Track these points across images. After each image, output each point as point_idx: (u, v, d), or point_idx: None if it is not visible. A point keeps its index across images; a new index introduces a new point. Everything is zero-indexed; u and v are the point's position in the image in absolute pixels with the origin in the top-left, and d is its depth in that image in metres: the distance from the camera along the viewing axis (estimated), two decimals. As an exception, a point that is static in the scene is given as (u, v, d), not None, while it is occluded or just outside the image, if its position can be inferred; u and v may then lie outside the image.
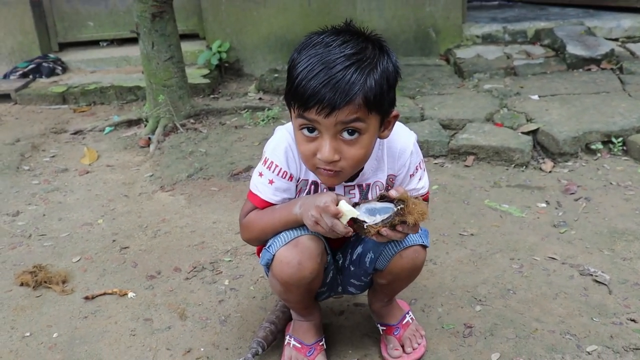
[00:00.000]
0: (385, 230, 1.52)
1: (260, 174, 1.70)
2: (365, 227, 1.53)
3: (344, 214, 1.51)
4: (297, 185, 1.72)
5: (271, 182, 1.68)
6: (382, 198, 1.56)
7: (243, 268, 2.46)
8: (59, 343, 2.07)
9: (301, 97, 1.44)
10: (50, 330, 2.14)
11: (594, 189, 3.06)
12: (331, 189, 1.70)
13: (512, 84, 4.56)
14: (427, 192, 1.84)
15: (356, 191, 1.73)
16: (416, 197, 1.57)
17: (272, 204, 1.70)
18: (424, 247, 1.77)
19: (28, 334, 2.12)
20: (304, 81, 1.43)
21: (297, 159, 1.67)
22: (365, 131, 1.49)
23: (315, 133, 1.49)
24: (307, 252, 1.64)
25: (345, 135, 1.48)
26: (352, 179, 1.70)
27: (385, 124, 1.57)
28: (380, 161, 1.72)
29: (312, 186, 1.71)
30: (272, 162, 1.68)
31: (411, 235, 1.69)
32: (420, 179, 1.79)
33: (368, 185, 1.73)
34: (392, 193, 1.53)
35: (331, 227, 1.50)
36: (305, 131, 1.51)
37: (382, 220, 1.53)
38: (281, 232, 1.67)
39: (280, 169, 1.67)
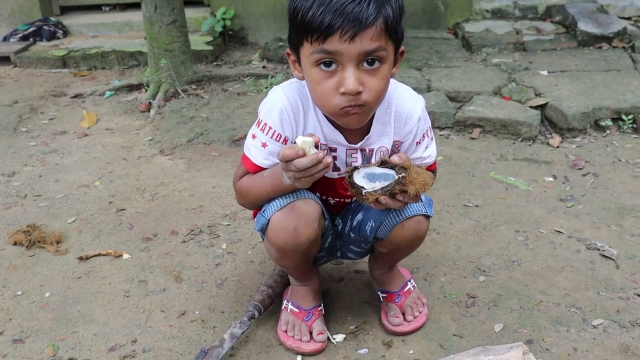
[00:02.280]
0: (384, 199, 1.45)
1: (254, 136, 1.62)
2: (363, 193, 1.46)
3: (305, 150, 1.38)
4: None
5: (264, 145, 1.60)
6: (383, 164, 1.48)
7: (241, 232, 2.41)
8: (51, 302, 2.02)
9: (320, 25, 1.35)
10: (42, 290, 2.09)
11: (602, 165, 2.99)
12: (332, 150, 1.63)
13: (521, 59, 4.46)
14: (434, 163, 1.77)
15: (358, 155, 1.65)
16: (419, 166, 1.48)
17: (263, 169, 1.62)
18: (427, 217, 1.70)
19: (20, 292, 2.08)
20: (322, 7, 1.35)
21: (294, 119, 1.59)
22: (385, 60, 1.43)
23: (334, 67, 1.41)
24: (304, 216, 1.58)
25: (366, 65, 1.40)
26: (356, 141, 1.63)
27: (396, 60, 1.51)
28: (386, 125, 1.64)
29: None
30: (265, 124, 1.59)
31: (414, 204, 1.62)
32: (427, 147, 1.71)
33: (372, 151, 1.66)
34: (394, 159, 1.46)
35: (302, 169, 1.39)
36: (322, 66, 1.41)
37: (382, 188, 1.45)
38: (275, 198, 1.61)
39: (274, 131, 1.59)
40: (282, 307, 1.88)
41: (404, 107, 1.64)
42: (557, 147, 3.20)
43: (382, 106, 1.61)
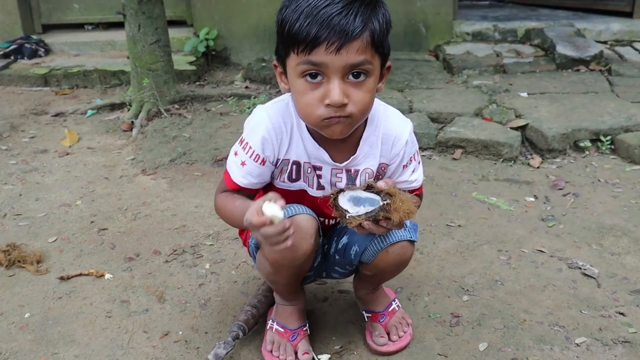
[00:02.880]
0: (367, 224, 1.45)
1: (236, 153, 1.63)
2: (347, 217, 1.46)
3: (272, 218, 1.35)
4: (277, 166, 1.64)
5: (243, 163, 1.60)
6: (369, 188, 1.48)
7: (224, 252, 2.40)
8: (31, 323, 1.99)
9: (307, 36, 1.36)
10: (22, 310, 2.06)
11: (582, 185, 3.03)
12: (317, 169, 1.63)
13: (501, 81, 4.53)
14: (421, 187, 1.77)
15: (343, 175, 1.65)
16: (405, 194, 1.47)
17: (240, 187, 1.63)
18: (412, 242, 1.70)
19: (-1, 313, 2.05)
20: (309, 19, 1.36)
21: (276, 141, 1.59)
22: (371, 73, 1.43)
23: (319, 79, 1.42)
24: (302, 232, 1.56)
25: (352, 78, 1.41)
26: (341, 160, 1.63)
27: (382, 75, 1.52)
28: (373, 147, 1.64)
29: (294, 166, 1.63)
30: (247, 143, 1.60)
31: (398, 229, 1.62)
32: (413, 171, 1.71)
33: (357, 171, 1.65)
34: (380, 185, 1.45)
35: (267, 237, 1.38)
36: (308, 78, 1.42)
37: (366, 213, 1.45)
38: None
39: (254, 151, 1.59)
40: (267, 327, 1.87)
41: (392, 129, 1.64)
42: (538, 167, 3.24)
43: (370, 127, 1.62)
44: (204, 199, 2.85)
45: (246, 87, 4.73)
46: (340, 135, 1.51)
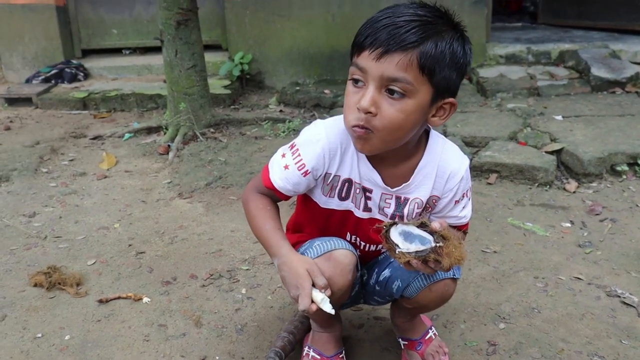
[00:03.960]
0: (415, 263, 1.43)
1: (283, 155, 1.63)
2: (397, 251, 1.44)
3: (320, 305, 1.47)
4: (326, 182, 1.64)
5: (286, 167, 1.61)
6: (423, 225, 1.46)
7: (261, 277, 2.42)
8: (71, 346, 2.03)
9: (359, 38, 1.41)
10: (62, 332, 2.10)
11: (620, 210, 2.99)
12: (367, 191, 1.63)
13: (535, 104, 4.51)
14: (467, 223, 1.75)
15: (392, 201, 1.64)
16: (452, 226, 1.46)
17: (274, 188, 1.64)
18: (455, 279, 1.69)
19: (40, 335, 2.08)
20: (368, 25, 1.41)
21: (328, 158, 1.58)
22: (411, 95, 1.40)
23: (360, 84, 1.43)
24: (340, 267, 1.57)
25: (386, 93, 1.40)
26: (393, 185, 1.61)
27: (438, 108, 1.47)
28: (427, 177, 1.61)
29: (346, 184, 1.63)
30: (297, 150, 1.60)
31: None
32: (464, 208, 1.70)
33: (407, 200, 1.63)
34: (435, 225, 1.44)
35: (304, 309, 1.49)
36: (353, 81, 1.45)
37: (416, 252, 1.43)
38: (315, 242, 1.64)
39: (301, 160, 1.59)
40: (303, 354, 1.87)
41: (449, 164, 1.62)
42: (574, 192, 3.21)
43: (427, 157, 1.60)
44: (239, 224, 2.88)
45: (280, 111, 4.78)
46: (363, 152, 1.52)
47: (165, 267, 2.52)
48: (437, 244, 1.42)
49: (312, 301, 1.47)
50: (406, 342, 1.89)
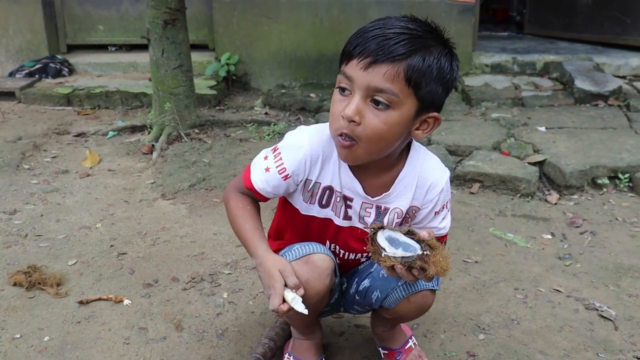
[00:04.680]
0: (400, 268, 1.43)
1: (265, 157, 1.65)
2: (382, 255, 1.45)
3: (291, 305, 1.49)
4: (307, 189, 1.65)
5: (267, 169, 1.62)
6: (410, 233, 1.47)
7: (242, 282, 2.41)
8: (50, 347, 2.01)
9: (349, 48, 1.44)
10: (41, 333, 2.08)
11: (600, 223, 3.03)
12: (348, 199, 1.64)
13: (519, 114, 4.55)
14: (446, 235, 1.77)
15: (373, 211, 1.65)
16: (445, 252, 1.46)
17: (254, 189, 1.65)
18: (434, 291, 1.71)
19: (18, 335, 2.07)
20: (358, 34, 1.44)
21: (310, 165, 1.60)
22: (395, 107, 1.42)
23: (347, 92, 1.45)
24: (317, 271, 1.58)
25: (372, 103, 1.42)
26: (373, 195, 1.63)
27: (422, 122, 1.49)
28: (407, 188, 1.64)
29: (326, 192, 1.64)
30: (279, 154, 1.62)
31: None
32: (443, 219, 1.72)
33: (387, 210, 1.65)
34: (423, 234, 1.46)
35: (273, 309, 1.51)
36: (340, 89, 1.47)
37: (402, 257, 1.43)
38: (293, 246, 1.64)
39: (282, 164, 1.60)
40: (283, 361, 1.88)
41: (430, 175, 1.64)
42: (555, 204, 3.25)
43: (408, 168, 1.62)
44: (222, 226, 2.88)
45: (266, 114, 4.78)
46: (347, 161, 1.54)
47: (146, 269, 2.51)
48: (425, 252, 1.43)
49: (285, 301, 1.48)
50: (386, 352, 1.91)
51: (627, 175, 3.43)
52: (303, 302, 1.50)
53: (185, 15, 4.05)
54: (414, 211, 1.68)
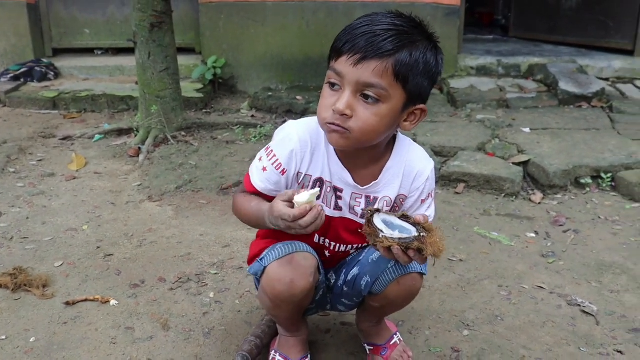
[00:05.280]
0: (397, 249, 1.45)
1: (260, 159, 1.67)
2: (380, 236, 1.47)
3: (311, 204, 1.45)
4: (298, 182, 1.67)
5: (264, 169, 1.65)
6: (404, 217, 1.50)
7: (229, 281, 2.43)
8: (36, 348, 2.01)
9: (338, 44, 1.47)
10: (27, 335, 2.08)
11: (583, 222, 3.06)
12: (338, 190, 1.66)
13: (504, 115, 4.59)
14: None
15: (362, 200, 1.68)
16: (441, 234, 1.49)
17: (257, 191, 1.67)
18: (422, 274, 1.73)
19: (4, 337, 2.06)
20: (346, 31, 1.47)
21: (301, 157, 1.63)
22: (385, 100, 1.46)
23: (337, 88, 1.48)
24: (301, 270, 1.61)
25: (362, 97, 1.46)
26: (362, 184, 1.66)
27: (410, 113, 1.54)
28: (395, 177, 1.68)
29: (317, 183, 1.66)
30: (272, 151, 1.64)
31: None
32: (429, 207, 1.75)
33: (376, 199, 1.69)
34: (419, 217, 1.49)
35: (304, 228, 1.46)
36: (330, 85, 1.50)
37: (400, 239, 1.45)
38: (275, 245, 1.65)
39: (277, 160, 1.63)
40: (270, 358, 1.89)
41: (416, 164, 1.69)
42: (539, 203, 3.28)
43: (395, 158, 1.66)
44: (209, 227, 2.89)
45: (252, 116, 4.80)
46: (337, 146, 1.56)
47: (133, 270, 2.51)
48: (421, 233, 1.46)
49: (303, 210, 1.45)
50: (371, 347, 1.93)
51: (609, 175, 3.48)
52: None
53: (172, 19, 4.06)
54: (401, 199, 1.72)
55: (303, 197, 1.45)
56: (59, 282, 2.41)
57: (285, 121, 4.51)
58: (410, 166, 1.68)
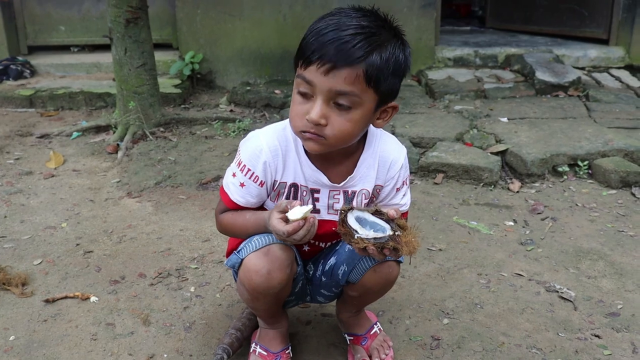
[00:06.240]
0: (372, 249, 1.46)
1: (234, 175, 1.67)
2: (355, 237, 1.47)
3: (305, 217, 1.47)
4: (274, 189, 1.68)
5: (242, 185, 1.66)
6: (378, 213, 1.50)
7: (209, 276, 2.42)
8: (16, 346, 2.00)
9: (305, 52, 1.45)
10: (7, 333, 2.07)
11: (560, 209, 3.10)
12: (315, 192, 1.68)
13: (482, 106, 4.62)
14: (407, 211, 1.81)
15: (341, 196, 1.69)
16: (415, 230, 1.50)
17: (239, 206, 1.68)
18: (398, 262, 1.75)
19: (-17, 336, 2.05)
20: (313, 37, 1.44)
21: (274, 165, 1.64)
22: (357, 106, 1.47)
23: (308, 95, 1.48)
24: (278, 261, 1.61)
25: (334, 105, 1.46)
26: (338, 181, 1.67)
27: (382, 112, 1.56)
28: (370, 169, 1.69)
29: (292, 189, 1.68)
30: (244, 166, 1.64)
31: None
32: (404, 195, 1.77)
33: (354, 192, 1.70)
34: (392, 213, 1.49)
35: (298, 241, 1.51)
36: (300, 93, 1.49)
37: (375, 239, 1.46)
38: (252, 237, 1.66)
39: (253, 173, 1.64)
40: (250, 350, 1.90)
41: (389, 153, 1.70)
42: (517, 192, 3.31)
43: (368, 150, 1.67)
44: (188, 222, 2.88)
45: (231, 111, 4.78)
46: (314, 151, 1.57)
47: (113, 266, 2.50)
48: (396, 232, 1.46)
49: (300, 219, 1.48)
50: (352, 338, 1.94)
51: (586, 163, 3.52)
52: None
53: (148, 14, 4.03)
54: (378, 190, 1.73)
55: (296, 214, 1.47)
56: (38, 280, 2.40)
57: (263, 115, 4.55)
58: (384, 156, 1.69)
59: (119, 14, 3.88)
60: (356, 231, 1.48)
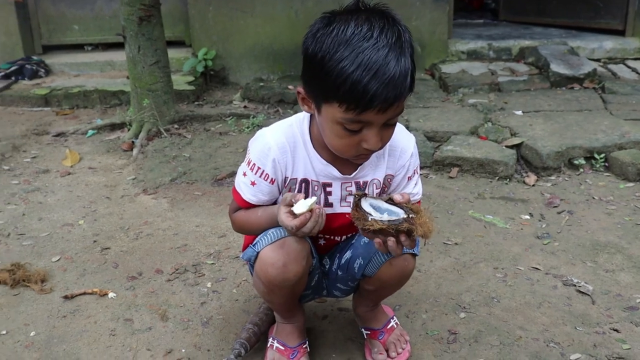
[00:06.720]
0: (387, 232, 1.45)
1: (244, 174, 1.68)
2: (369, 219, 1.46)
3: (310, 208, 1.50)
4: (285, 186, 1.69)
5: (253, 183, 1.67)
6: (391, 201, 1.50)
7: (226, 271, 2.44)
8: (36, 342, 2.02)
9: (361, 99, 1.36)
10: (27, 329, 2.09)
11: (577, 202, 3.08)
12: (327, 186, 1.68)
13: (496, 99, 4.60)
14: (420, 200, 1.81)
15: (353, 188, 1.70)
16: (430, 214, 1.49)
17: (252, 205, 1.70)
18: (414, 255, 1.75)
19: (4, 332, 2.07)
20: (364, 82, 1.34)
21: (284, 163, 1.64)
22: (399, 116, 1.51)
23: (358, 129, 1.45)
24: (293, 254, 1.62)
25: (386, 126, 1.47)
26: (349, 172, 1.67)
27: None
28: (380, 158, 1.70)
29: (303, 184, 1.68)
30: (254, 165, 1.65)
31: None
32: (416, 184, 1.77)
33: (365, 183, 1.70)
34: (404, 197, 1.49)
35: (307, 233, 1.54)
36: (348, 129, 1.45)
37: (389, 221, 1.45)
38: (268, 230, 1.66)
39: (263, 171, 1.65)
40: (268, 345, 1.91)
41: (399, 142, 1.70)
42: (533, 185, 3.30)
43: None
44: (204, 218, 2.90)
45: (244, 107, 4.79)
46: (361, 162, 1.64)
47: (130, 262, 2.52)
48: (409, 215, 1.46)
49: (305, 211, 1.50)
50: (369, 332, 1.94)
51: (602, 156, 3.49)
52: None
53: (160, 11, 4.05)
54: (389, 179, 1.73)
55: (301, 208, 1.49)
56: (57, 277, 2.42)
57: (277, 111, 4.55)
58: (393, 145, 1.69)
59: (131, 12, 3.89)
60: (369, 214, 1.47)
